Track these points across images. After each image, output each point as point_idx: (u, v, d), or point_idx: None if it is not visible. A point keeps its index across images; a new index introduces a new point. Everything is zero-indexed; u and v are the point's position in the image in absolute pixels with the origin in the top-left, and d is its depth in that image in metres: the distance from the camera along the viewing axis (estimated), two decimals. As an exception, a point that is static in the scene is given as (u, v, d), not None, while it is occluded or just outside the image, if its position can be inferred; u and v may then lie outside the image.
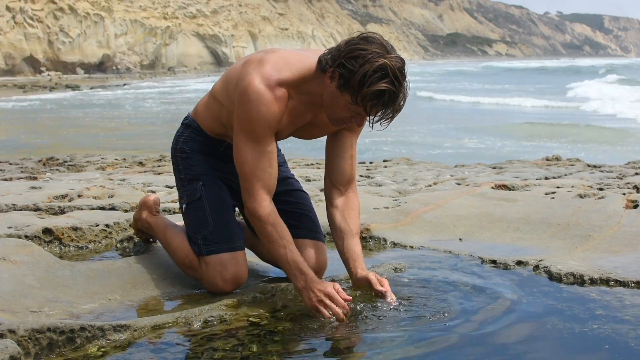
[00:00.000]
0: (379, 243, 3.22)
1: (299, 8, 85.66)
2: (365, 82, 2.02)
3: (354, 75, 2.04)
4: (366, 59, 2.03)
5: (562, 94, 27.01)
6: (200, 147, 2.50)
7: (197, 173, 2.48)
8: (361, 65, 2.03)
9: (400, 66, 2.05)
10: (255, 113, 2.21)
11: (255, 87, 2.19)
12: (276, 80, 2.21)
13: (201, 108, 2.53)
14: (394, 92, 2.04)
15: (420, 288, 2.49)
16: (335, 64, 2.10)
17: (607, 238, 3.05)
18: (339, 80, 2.09)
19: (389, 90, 2.03)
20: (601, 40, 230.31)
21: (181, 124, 2.59)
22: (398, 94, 2.05)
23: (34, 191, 4.40)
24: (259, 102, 2.19)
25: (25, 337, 1.84)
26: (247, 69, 2.25)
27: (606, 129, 14.80)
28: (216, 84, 2.47)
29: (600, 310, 2.22)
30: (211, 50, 62.36)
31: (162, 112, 20.56)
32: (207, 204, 2.44)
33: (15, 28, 41.86)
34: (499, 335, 2.03)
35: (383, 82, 2.02)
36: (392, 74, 2.02)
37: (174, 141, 2.58)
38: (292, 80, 2.23)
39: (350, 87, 2.06)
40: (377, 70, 2.01)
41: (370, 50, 2.04)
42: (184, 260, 2.50)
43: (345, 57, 2.07)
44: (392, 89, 2.03)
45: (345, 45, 2.10)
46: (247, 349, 1.93)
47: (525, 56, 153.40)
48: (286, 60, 2.26)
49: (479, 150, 11.65)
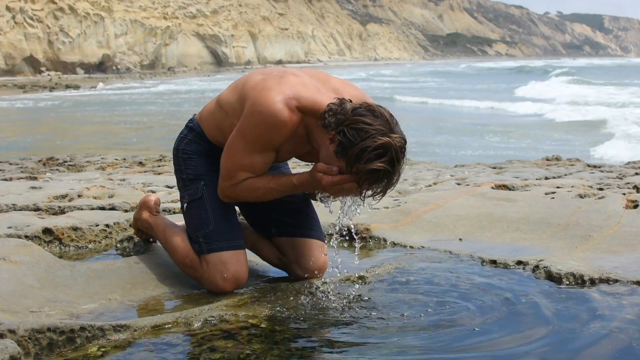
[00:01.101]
0: (379, 243, 3.22)
1: (299, 8, 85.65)
2: (362, 158, 2.01)
3: (353, 147, 2.02)
4: (369, 134, 2.01)
5: (508, 94, 27.92)
6: (202, 150, 2.51)
7: (199, 173, 2.49)
8: (362, 139, 2.01)
9: (402, 146, 2.04)
10: (265, 130, 2.19)
11: (274, 103, 2.16)
12: (295, 103, 2.18)
13: (206, 115, 2.52)
14: (389, 172, 2.03)
15: (420, 288, 2.49)
16: (337, 130, 2.07)
17: (607, 238, 3.05)
18: (338, 146, 2.07)
19: (385, 170, 2.02)
20: (601, 40, 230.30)
21: (185, 126, 2.59)
22: (394, 174, 2.05)
23: (34, 191, 4.40)
24: (273, 120, 2.17)
25: (25, 337, 1.84)
26: (267, 84, 2.22)
27: (511, 125, 15.98)
28: (224, 93, 2.45)
29: (600, 310, 2.21)
30: (211, 50, 62.38)
31: (162, 112, 20.57)
32: (208, 202, 2.44)
33: (15, 28, 41.87)
34: (499, 336, 2.03)
35: (380, 162, 2.00)
36: (391, 154, 2.01)
37: (176, 142, 2.58)
38: (307, 109, 2.19)
39: (347, 157, 2.04)
40: (378, 148, 2.00)
41: (374, 126, 2.01)
42: (184, 259, 2.50)
43: (348, 125, 2.04)
44: (388, 168, 2.02)
45: (351, 113, 2.07)
46: (247, 349, 1.93)
47: (525, 56, 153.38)
48: (304, 85, 2.24)
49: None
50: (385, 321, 2.16)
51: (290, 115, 2.17)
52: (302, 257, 2.53)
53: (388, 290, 2.47)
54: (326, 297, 2.38)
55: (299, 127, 2.22)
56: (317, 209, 2.72)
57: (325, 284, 2.48)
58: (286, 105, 2.16)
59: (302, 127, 2.23)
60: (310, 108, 2.19)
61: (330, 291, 2.43)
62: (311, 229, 2.58)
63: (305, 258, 2.53)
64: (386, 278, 2.61)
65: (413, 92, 29.44)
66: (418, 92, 28.97)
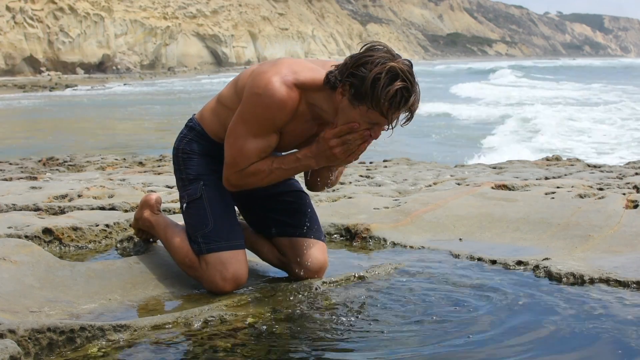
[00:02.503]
0: (379, 243, 3.21)
1: (299, 8, 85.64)
2: (377, 86, 2.02)
3: (365, 81, 2.04)
4: (375, 63, 2.04)
5: (441, 92, 28.16)
6: (202, 149, 2.51)
7: (199, 173, 2.49)
8: (370, 70, 2.03)
9: (409, 68, 2.06)
10: (265, 110, 2.20)
11: (271, 83, 2.18)
12: (292, 80, 2.20)
13: (207, 113, 2.52)
14: (408, 90, 2.05)
15: (419, 288, 2.49)
16: (345, 76, 2.09)
17: (607, 238, 3.05)
18: (350, 91, 2.09)
19: (403, 88, 2.04)
20: (601, 40, 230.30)
21: (185, 126, 2.59)
22: (412, 92, 2.06)
23: (34, 191, 4.40)
24: (272, 100, 2.18)
25: (25, 337, 1.84)
26: (262, 68, 2.26)
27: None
28: (224, 90, 2.46)
29: (600, 310, 2.21)
30: (211, 50, 62.37)
31: (161, 112, 20.57)
32: (207, 202, 2.44)
33: (15, 28, 41.86)
34: (499, 336, 2.03)
35: (396, 82, 2.03)
36: (403, 74, 2.03)
37: (176, 141, 2.58)
38: (306, 85, 2.21)
39: (363, 94, 2.06)
40: (388, 72, 2.02)
41: (377, 56, 2.05)
42: (184, 259, 2.50)
43: (354, 66, 2.07)
44: (406, 86, 2.04)
45: (351, 59, 2.11)
46: (247, 349, 1.93)
47: (525, 56, 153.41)
48: (300, 65, 2.27)
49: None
50: (385, 321, 2.16)
51: (288, 92, 2.19)
52: (301, 257, 2.53)
53: (388, 290, 2.47)
54: (326, 298, 2.38)
55: (300, 105, 2.23)
56: (317, 209, 2.72)
57: (325, 284, 2.48)
58: (283, 83, 2.19)
59: (305, 105, 2.24)
60: (309, 83, 2.21)
61: (330, 291, 2.43)
62: (310, 228, 2.58)
63: (304, 258, 2.53)
64: (386, 278, 2.61)
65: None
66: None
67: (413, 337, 2.02)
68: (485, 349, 1.94)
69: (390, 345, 1.97)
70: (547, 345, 1.97)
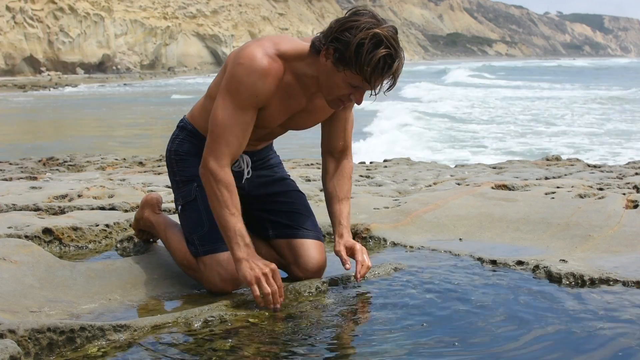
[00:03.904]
0: (379, 243, 3.21)
1: (299, 8, 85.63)
2: (361, 51, 2.03)
3: (349, 46, 2.05)
4: (360, 28, 2.05)
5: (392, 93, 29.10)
6: (194, 149, 2.49)
7: (192, 174, 2.47)
8: (355, 35, 2.04)
9: (394, 34, 2.08)
10: (246, 82, 2.19)
11: (253, 53, 2.19)
12: (274, 51, 2.21)
13: (197, 110, 2.52)
14: (391, 57, 2.06)
15: (419, 288, 2.49)
16: (329, 40, 2.11)
17: (607, 238, 3.05)
18: (334, 54, 2.10)
19: (387, 55, 2.05)
20: (601, 40, 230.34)
21: (177, 127, 2.59)
22: (395, 58, 2.07)
23: (34, 191, 4.40)
24: (253, 72, 2.18)
25: (25, 337, 1.84)
26: (244, 45, 2.26)
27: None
28: (211, 84, 2.46)
29: (600, 310, 2.21)
30: (211, 50, 62.38)
31: (161, 112, 20.56)
32: (202, 204, 2.43)
33: (15, 28, 41.88)
34: (499, 336, 2.03)
35: (380, 49, 2.04)
36: (387, 40, 2.04)
37: (169, 143, 2.58)
38: (289, 55, 2.22)
39: (347, 59, 2.07)
40: (372, 38, 2.03)
41: (362, 21, 2.06)
42: (182, 260, 2.49)
43: (338, 30, 2.08)
44: (389, 52, 2.05)
45: (336, 22, 2.12)
46: (247, 349, 1.93)
47: (525, 56, 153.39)
48: (282, 38, 2.29)
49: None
50: (385, 321, 2.15)
51: (270, 61, 2.19)
52: (300, 258, 2.52)
53: (388, 291, 2.47)
54: (326, 298, 2.38)
55: (285, 76, 2.24)
56: (317, 209, 2.72)
57: (325, 284, 2.48)
58: (265, 54, 2.19)
59: (290, 75, 2.25)
60: (291, 53, 2.22)
61: (330, 291, 2.43)
62: (308, 229, 2.57)
63: (303, 259, 2.52)
64: (386, 278, 2.61)
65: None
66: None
67: (413, 337, 2.02)
68: (485, 349, 1.94)
69: (390, 345, 1.97)
70: (547, 345, 1.96)
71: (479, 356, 1.89)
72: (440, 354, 1.91)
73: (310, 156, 8.96)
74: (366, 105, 2.89)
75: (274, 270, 2.22)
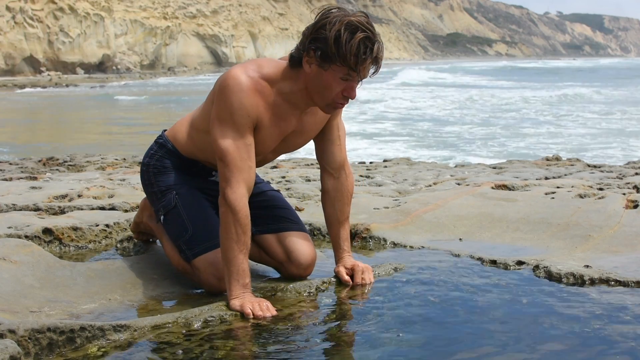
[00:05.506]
0: (379, 243, 3.21)
1: (299, 8, 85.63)
2: (340, 41, 2.08)
3: (328, 40, 2.09)
4: (332, 22, 2.11)
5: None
6: (173, 164, 2.54)
7: (170, 184, 2.52)
8: (330, 30, 2.09)
9: (366, 19, 2.14)
10: (236, 102, 2.21)
11: (237, 77, 2.22)
12: (258, 74, 2.25)
13: (181, 134, 2.54)
14: (370, 40, 2.11)
15: (419, 288, 2.49)
16: (308, 43, 2.15)
17: (607, 238, 3.05)
18: (316, 54, 2.14)
19: (365, 38, 2.10)
20: (601, 40, 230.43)
21: (155, 142, 2.61)
22: (374, 40, 2.12)
23: (34, 191, 4.40)
24: (240, 90, 2.21)
25: (25, 337, 1.84)
26: (229, 71, 2.30)
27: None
28: (196, 114, 2.49)
29: (600, 310, 2.21)
30: (211, 50, 62.39)
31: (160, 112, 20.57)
32: (183, 210, 2.46)
33: (15, 28, 41.88)
34: (499, 336, 2.03)
35: (357, 34, 2.09)
36: (362, 25, 2.10)
37: (145, 158, 2.60)
38: (272, 75, 2.26)
39: (330, 54, 2.11)
40: (347, 27, 2.09)
41: (332, 16, 2.12)
42: (177, 266, 2.54)
43: (313, 31, 2.14)
44: (367, 35, 2.10)
45: (308, 28, 2.17)
46: (247, 349, 1.93)
47: (525, 56, 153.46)
48: (263, 61, 2.34)
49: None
50: (385, 321, 2.15)
51: (254, 82, 2.23)
52: (292, 252, 2.52)
53: (388, 290, 2.47)
54: (326, 297, 2.38)
55: (272, 97, 2.26)
56: (317, 209, 2.72)
57: (324, 284, 2.48)
58: (249, 76, 2.23)
59: (277, 95, 2.27)
60: (274, 74, 2.26)
61: (330, 291, 2.43)
62: (293, 221, 2.60)
63: (295, 254, 2.52)
64: (386, 278, 2.61)
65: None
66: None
67: (413, 338, 2.02)
68: (485, 349, 1.94)
69: (390, 345, 1.97)
70: (547, 345, 1.96)
71: (479, 356, 1.89)
72: (441, 354, 1.91)
73: (310, 156, 8.97)
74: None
75: (267, 302, 2.23)
